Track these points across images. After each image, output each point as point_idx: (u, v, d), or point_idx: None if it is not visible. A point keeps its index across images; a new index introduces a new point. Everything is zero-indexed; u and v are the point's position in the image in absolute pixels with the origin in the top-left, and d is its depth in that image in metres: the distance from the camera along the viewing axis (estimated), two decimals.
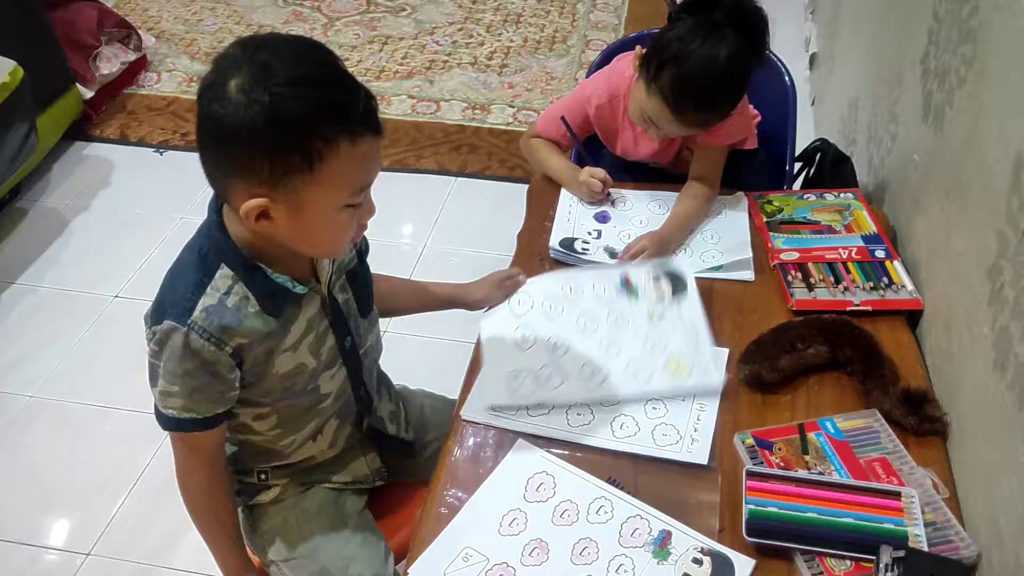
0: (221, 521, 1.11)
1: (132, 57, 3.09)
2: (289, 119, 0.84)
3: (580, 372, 1.20)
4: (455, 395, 1.23)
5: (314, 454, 1.18)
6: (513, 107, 3.04)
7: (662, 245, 1.43)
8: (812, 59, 2.95)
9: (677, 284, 1.27)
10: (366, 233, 1.18)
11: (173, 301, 0.96)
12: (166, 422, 1.01)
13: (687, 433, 1.15)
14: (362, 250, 1.16)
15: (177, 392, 0.98)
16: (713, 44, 1.31)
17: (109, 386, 2.06)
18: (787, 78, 1.73)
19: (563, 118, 1.59)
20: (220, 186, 0.93)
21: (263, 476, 1.18)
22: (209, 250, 0.98)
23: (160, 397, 1.00)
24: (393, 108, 3.04)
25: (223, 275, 0.97)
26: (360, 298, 1.13)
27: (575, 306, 1.28)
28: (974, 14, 1.24)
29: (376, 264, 1.21)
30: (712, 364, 1.20)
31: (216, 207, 0.98)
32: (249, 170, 0.87)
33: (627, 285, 1.28)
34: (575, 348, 1.24)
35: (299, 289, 1.01)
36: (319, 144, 0.85)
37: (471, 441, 1.16)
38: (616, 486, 1.09)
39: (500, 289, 1.36)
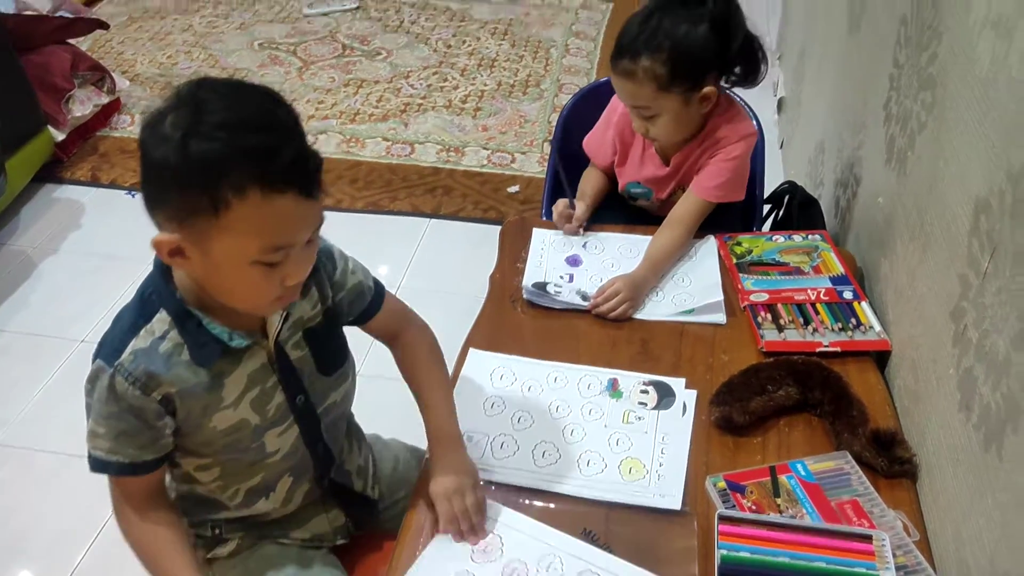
0: (170, 558, 1.02)
1: (105, 100, 3.09)
2: (200, 160, 0.82)
3: (534, 449, 1.19)
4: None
5: (268, 511, 1.13)
6: (487, 149, 3.06)
7: (636, 288, 1.43)
8: (780, 103, 3.01)
9: (664, 396, 1.27)
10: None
11: (109, 340, 0.95)
12: (92, 463, 0.99)
13: (653, 468, 1.15)
14: (339, 311, 1.09)
15: (104, 434, 0.96)
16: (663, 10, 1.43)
17: (75, 433, 1.99)
18: (755, 121, 1.76)
19: (557, 166, 1.67)
20: (150, 216, 0.91)
21: (217, 531, 1.14)
22: (152, 292, 0.96)
23: (88, 436, 0.98)
24: (368, 151, 3.05)
25: (160, 319, 0.95)
26: (320, 357, 1.07)
27: (554, 393, 1.29)
28: (932, 61, 1.28)
29: None
30: (671, 488, 1.13)
31: None
32: (162, 203, 0.87)
33: (613, 387, 1.29)
34: (538, 426, 1.23)
35: (236, 343, 0.97)
36: (227, 191, 0.82)
37: None
38: (592, 538, 1.07)
39: (449, 503, 1.07)
